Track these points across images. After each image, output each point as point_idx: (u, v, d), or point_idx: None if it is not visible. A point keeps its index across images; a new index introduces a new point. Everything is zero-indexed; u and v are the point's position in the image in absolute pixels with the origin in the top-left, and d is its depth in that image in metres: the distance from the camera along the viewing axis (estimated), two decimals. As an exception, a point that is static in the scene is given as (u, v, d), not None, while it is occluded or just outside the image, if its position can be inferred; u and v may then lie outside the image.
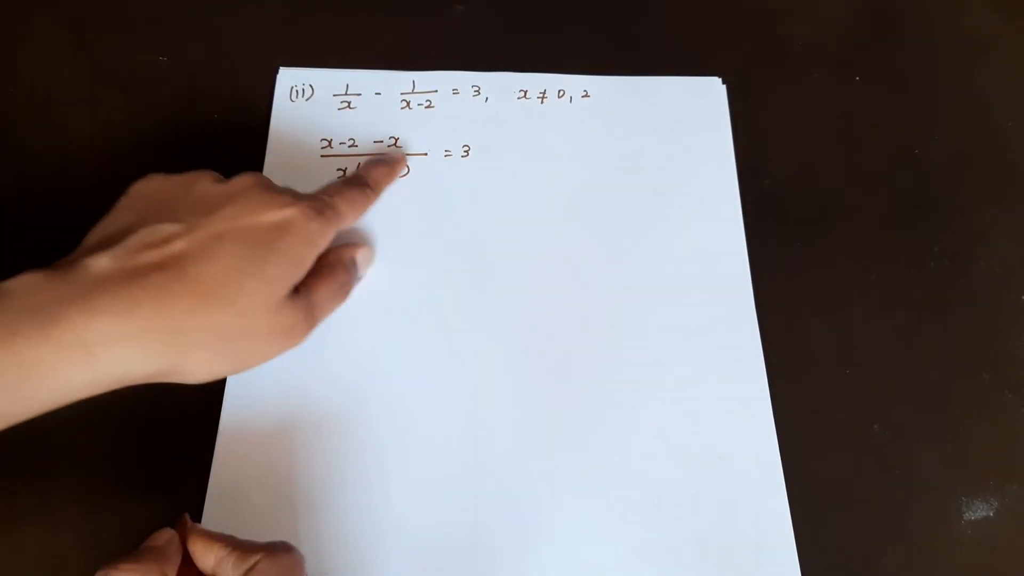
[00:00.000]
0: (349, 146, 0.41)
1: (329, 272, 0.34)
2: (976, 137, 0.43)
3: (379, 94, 0.43)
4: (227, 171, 0.40)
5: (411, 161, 0.41)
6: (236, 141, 0.41)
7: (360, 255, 0.37)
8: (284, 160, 0.41)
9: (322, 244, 0.33)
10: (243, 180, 0.32)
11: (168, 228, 0.29)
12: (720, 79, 0.44)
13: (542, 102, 0.43)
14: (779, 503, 0.34)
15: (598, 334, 0.37)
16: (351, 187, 0.36)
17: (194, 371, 0.29)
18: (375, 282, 0.38)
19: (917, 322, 0.38)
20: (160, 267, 0.28)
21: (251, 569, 0.28)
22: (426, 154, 0.41)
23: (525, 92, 0.43)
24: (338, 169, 0.41)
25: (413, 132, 0.42)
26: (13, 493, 0.34)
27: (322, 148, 0.41)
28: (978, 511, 0.34)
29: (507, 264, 0.39)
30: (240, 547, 0.29)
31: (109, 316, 0.27)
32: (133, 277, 0.28)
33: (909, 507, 0.34)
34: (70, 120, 0.42)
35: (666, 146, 0.42)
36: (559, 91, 0.43)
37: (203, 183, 0.32)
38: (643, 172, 0.41)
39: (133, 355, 0.27)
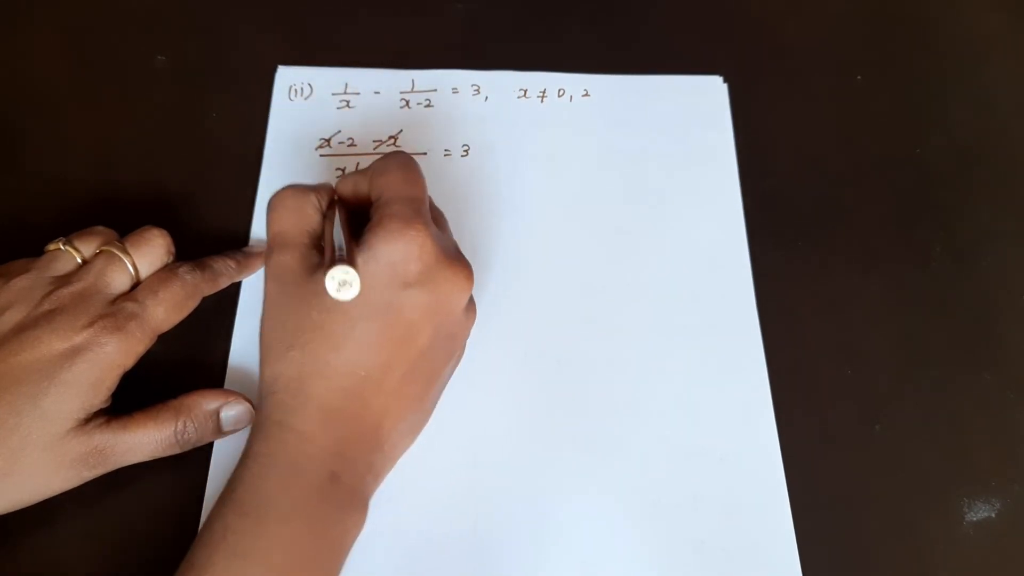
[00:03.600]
0: (348, 145, 0.41)
1: (155, 416, 0.31)
2: (977, 137, 0.43)
3: (378, 93, 0.43)
4: (224, 171, 0.40)
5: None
6: (235, 140, 0.41)
7: (229, 409, 0.33)
8: (282, 159, 0.41)
9: (128, 361, 0.31)
10: (59, 296, 0.31)
11: None
12: (721, 78, 0.44)
13: (542, 101, 0.43)
14: (780, 503, 0.34)
15: (599, 334, 0.37)
16: (175, 286, 0.33)
17: None
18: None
19: (918, 322, 0.38)
20: None
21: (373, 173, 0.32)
22: (425, 153, 0.41)
23: (525, 91, 0.43)
24: (337, 168, 0.40)
25: (412, 131, 0.42)
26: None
27: (321, 147, 0.41)
28: (980, 512, 0.34)
29: (507, 264, 0.39)
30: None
31: None
32: None
33: (911, 508, 0.34)
34: (70, 120, 0.42)
35: (667, 145, 0.42)
36: (559, 90, 0.43)
37: (10, 314, 0.30)
38: (644, 171, 0.41)
39: None
